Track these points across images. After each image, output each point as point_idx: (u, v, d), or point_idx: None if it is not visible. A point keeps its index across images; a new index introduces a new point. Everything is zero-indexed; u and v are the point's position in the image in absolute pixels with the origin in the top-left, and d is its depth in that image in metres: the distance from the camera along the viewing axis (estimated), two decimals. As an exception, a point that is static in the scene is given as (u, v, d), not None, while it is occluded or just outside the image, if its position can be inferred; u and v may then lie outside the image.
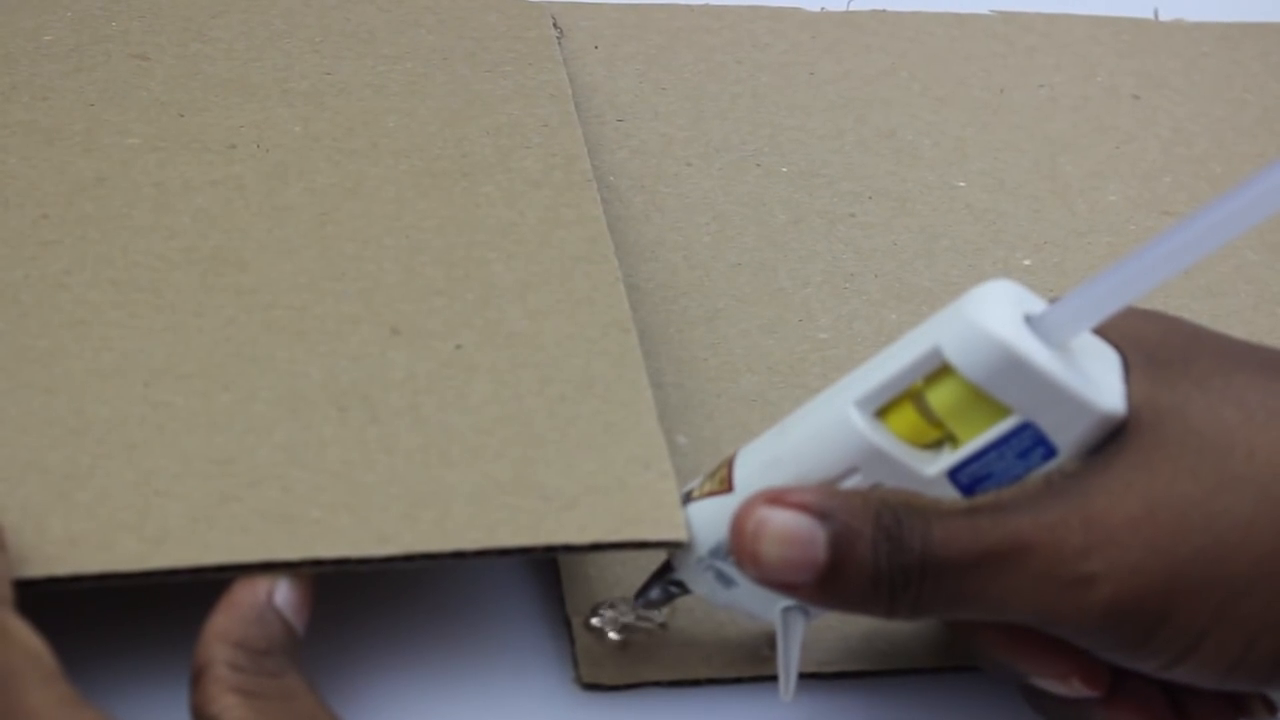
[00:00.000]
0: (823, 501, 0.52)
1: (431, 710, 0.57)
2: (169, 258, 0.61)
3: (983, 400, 0.50)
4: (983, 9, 0.82)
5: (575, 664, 0.58)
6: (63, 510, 0.53)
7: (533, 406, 0.58)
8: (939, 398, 0.51)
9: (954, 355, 0.50)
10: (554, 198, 0.65)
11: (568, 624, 0.58)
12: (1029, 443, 0.51)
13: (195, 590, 0.53)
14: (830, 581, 0.51)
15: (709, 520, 0.54)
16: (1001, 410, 0.50)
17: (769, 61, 0.77)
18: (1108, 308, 0.50)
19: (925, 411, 0.51)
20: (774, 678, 0.56)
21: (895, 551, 0.51)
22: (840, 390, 0.53)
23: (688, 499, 0.55)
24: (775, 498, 0.52)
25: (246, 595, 0.52)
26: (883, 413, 0.52)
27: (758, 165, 0.73)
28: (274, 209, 0.64)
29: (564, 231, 0.64)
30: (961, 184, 0.74)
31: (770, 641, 0.56)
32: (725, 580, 0.55)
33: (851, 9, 0.81)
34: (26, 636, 0.49)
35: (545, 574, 0.60)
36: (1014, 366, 0.50)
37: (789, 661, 0.55)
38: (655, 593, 0.57)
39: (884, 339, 0.66)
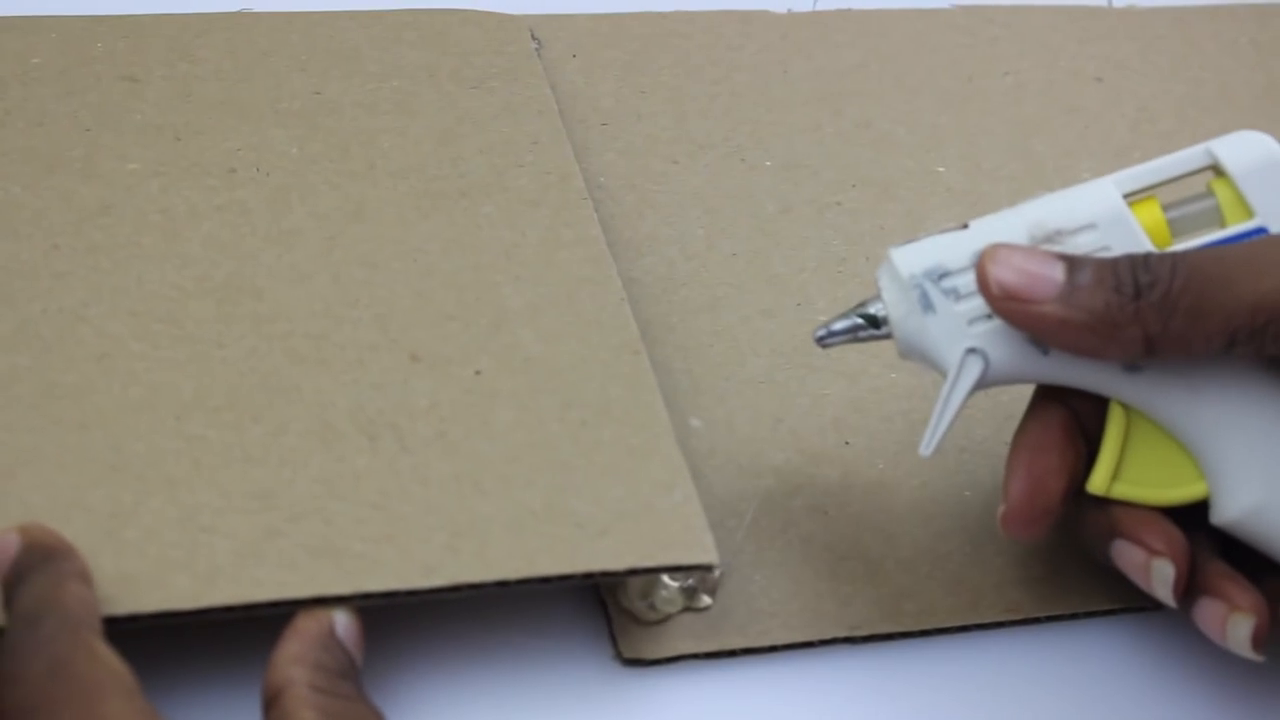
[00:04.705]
0: (1063, 252, 0.56)
1: (475, 689, 0.58)
2: (184, 286, 0.62)
3: (1232, 200, 0.57)
4: (943, 4, 0.84)
5: (613, 640, 0.59)
6: (113, 549, 0.54)
7: (556, 432, 0.59)
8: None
9: (1223, 151, 0.57)
10: (552, 217, 0.67)
11: (603, 602, 0.60)
12: None
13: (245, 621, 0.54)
14: (1072, 293, 0.55)
15: (935, 247, 0.58)
16: (1245, 213, 0.57)
17: (743, 61, 0.79)
18: None
19: (1171, 219, 0.57)
20: (809, 644, 0.59)
21: (1140, 261, 0.55)
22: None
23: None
24: (1017, 246, 0.56)
25: (312, 625, 0.53)
26: (1132, 201, 0.57)
27: (742, 160, 0.75)
28: (281, 233, 0.65)
29: (565, 252, 0.66)
30: (940, 169, 0.76)
31: None
32: (926, 305, 0.57)
33: (818, 9, 0.83)
34: (112, 659, 0.51)
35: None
36: (1275, 167, 0.57)
37: (946, 408, 0.58)
38: (840, 324, 0.59)
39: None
